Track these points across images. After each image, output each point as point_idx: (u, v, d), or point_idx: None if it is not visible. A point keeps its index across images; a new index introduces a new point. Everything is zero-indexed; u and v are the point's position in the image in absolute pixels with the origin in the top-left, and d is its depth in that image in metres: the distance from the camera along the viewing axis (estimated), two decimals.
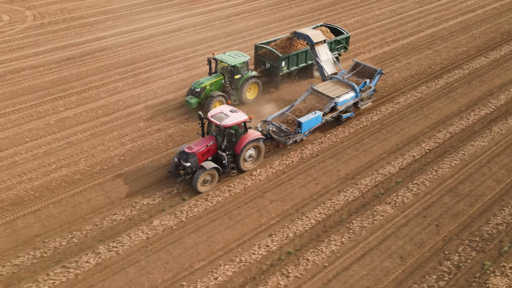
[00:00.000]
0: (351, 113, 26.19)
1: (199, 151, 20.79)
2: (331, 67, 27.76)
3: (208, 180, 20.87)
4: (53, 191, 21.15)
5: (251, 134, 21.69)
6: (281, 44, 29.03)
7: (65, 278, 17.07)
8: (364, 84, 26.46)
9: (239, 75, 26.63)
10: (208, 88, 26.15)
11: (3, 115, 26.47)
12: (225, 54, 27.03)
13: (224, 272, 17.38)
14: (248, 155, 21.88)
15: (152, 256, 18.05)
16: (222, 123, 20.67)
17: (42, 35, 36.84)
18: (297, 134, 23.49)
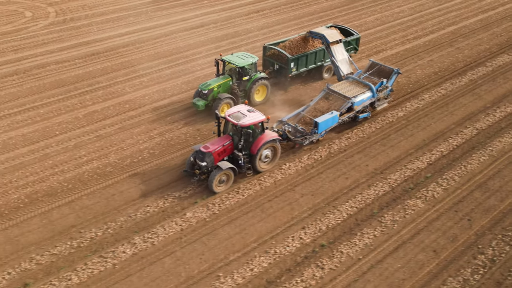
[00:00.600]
0: (368, 113, 25.83)
1: (215, 150, 20.54)
2: (347, 67, 27.35)
3: (224, 180, 20.59)
4: (85, 183, 21.39)
5: (268, 134, 21.42)
6: (290, 45, 28.61)
7: (103, 267, 17.28)
8: (381, 84, 26.11)
9: (247, 77, 26.09)
10: (215, 90, 25.61)
11: (32, 109, 26.77)
12: (232, 55, 26.50)
13: (260, 264, 17.52)
14: (264, 156, 21.56)
15: (187, 247, 18.22)
16: (240, 122, 20.39)
17: (65, 31, 37.17)
18: (314, 135, 23.24)
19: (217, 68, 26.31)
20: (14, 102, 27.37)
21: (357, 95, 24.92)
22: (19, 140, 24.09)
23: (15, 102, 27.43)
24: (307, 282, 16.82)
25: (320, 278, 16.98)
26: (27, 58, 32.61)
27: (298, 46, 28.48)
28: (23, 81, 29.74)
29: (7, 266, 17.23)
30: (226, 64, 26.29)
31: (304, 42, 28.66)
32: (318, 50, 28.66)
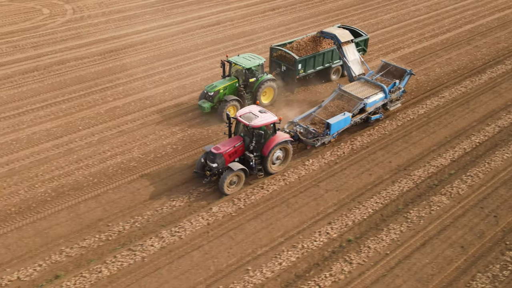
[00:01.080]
0: (380, 114, 25.45)
1: (226, 151, 20.20)
2: (359, 68, 26.89)
3: (235, 181, 20.27)
4: (110, 177, 21.52)
5: (279, 135, 21.07)
6: (297, 46, 28.05)
7: (132, 260, 17.39)
8: (394, 85, 25.71)
9: (254, 78, 25.56)
10: (221, 92, 25.12)
11: (54, 104, 26.95)
12: (239, 56, 25.93)
13: (288, 258, 17.59)
14: (275, 157, 21.25)
15: (214, 241, 18.31)
16: (251, 123, 20.03)
17: (83, 28, 37.36)
18: (326, 136, 22.91)
19: (223, 70, 25.88)
20: (36, 98, 27.55)
21: (369, 96, 24.54)
22: (43, 135, 24.25)
23: (37, 97, 27.60)
24: (335, 276, 16.86)
25: (349, 273, 17.01)
26: (46, 54, 32.80)
27: (305, 47, 27.99)
28: (44, 77, 29.92)
29: (38, 258, 17.38)
30: (233, 66, 25.77)
31: (311, 43, 28.15)
32: (326, 52, 28.11)
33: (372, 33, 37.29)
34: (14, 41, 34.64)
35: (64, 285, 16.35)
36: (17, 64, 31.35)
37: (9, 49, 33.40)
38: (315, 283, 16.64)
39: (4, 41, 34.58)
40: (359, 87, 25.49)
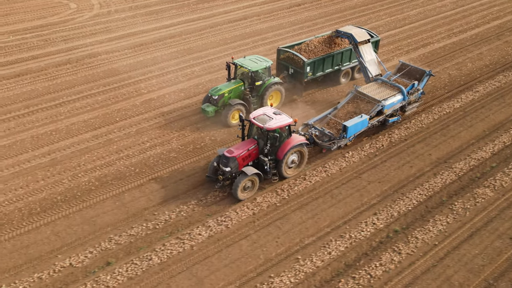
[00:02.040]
0: (398, 117, 24.43)
1: (239, 155, 19.37)
2: (376, 68, 25.94)
3: (249, 186, 19.44)
4: (152, 167, 21.61)
5: (295, 138, 20.21)
6: (305, 48, 26.92)
7: (181, 249, 17.45)
8: (412, 87, 24.74)
9: (260, 82, 24.47)
10: (226, 96, 24.03)
11: (90, 96, 27.10)
12: (245, 58, 24.76)
13: (337, 248, 17.58)
14: (290, 161, 20.41)
15: (261, 230, 18.34)
16: (266, 126, 19.14)
17: (111, 22, 37.53)
18: (342, 139, 21.94)
19: (228, 72, 24.82)
20: (71, 90, 27.71)
21: (387, 98, 23.60)
22: (81, 126, 24.39)
23: (72, 89, 27.77)
24: (385, 266, 16.83)
25: (399, 263, 16.98)
26: (77, 48, 32.97)
27: (314, 49, 26.84)
28: (77, 69, 30.09)
29: (88, 246, 17.48)
30: (238, 68, 24.68)
31: (320, 45, 27.03)
32: (335, 54, 26.94)
33: (400, 28, 37.24)
34: (44, 34, 34.85)
35: (116, 272, 16.43)
36: (49, 57, 31.54)
37: (40, 42, 33.60)
38: (365, 272, 16.62)
39: (35, 34, 34.80)
40: (376, 88, 24.57)
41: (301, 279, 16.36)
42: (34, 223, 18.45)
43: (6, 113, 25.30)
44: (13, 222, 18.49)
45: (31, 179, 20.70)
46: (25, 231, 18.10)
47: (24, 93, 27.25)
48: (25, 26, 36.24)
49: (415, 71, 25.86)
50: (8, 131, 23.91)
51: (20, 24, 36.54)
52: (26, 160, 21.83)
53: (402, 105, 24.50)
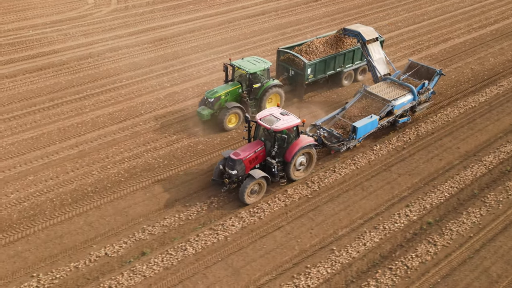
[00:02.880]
0: (408, 117, 23.64)
1: (246, 157, 18.61)
2: (384, 67, 25.12)
3: (256, 190, 18.68)
4: (180, 159, 21.58)
5: (303, 139, 19.43)
6: (306, 49, 25.91)
7: (215, 239, 17.40)
8: (422, 86, 23.88)
9: (258, 84, 23.49)
10: (223, 98, 22.96)
11: (113, 90, 27.10)
12: (243, 59, 23.70)
13: (371, 239, 17.50)
14: (299, 163, 19.67)
15: (294, 222, 18.28)
16: (273, 127, 18.37)
17: (129, 17, 37.53)
18: (352, 140, 21.27)
19: (225, 74, 23.68)
20: (94, 83, 27.71)
21: (397, 98, 22.81)
22: (107, 119, 24.38)
23: (95, 83, 27.77)
24: (422, 257, 16.74)
25: (435, 254, 16.88)
26: (98, 42, 32.98)
27: (315, 50, 25.83)
28: (99, 63, 30.09)
29: (122, 236, 17.46)
30: (236, 70, 23.66)
31: (322, 46, 26.03)
32: (337, 55, 25.97)
33: (419, 24, 37.12)
34: (64, 29, 34.88)
35: (152, 262, 16.40)
36: (70, 51, 31.56)
37: (60, 37, 33.63)
38: (402, 263, 16.53)
39: (54, 29, 34.85)
40: (386, 88, 23.73)
41: (337, 270, 16.29)
42: (66, 214, 18.43)
43: (31, 106, 25.33)
44: (46, 212, 18.48)
45: (60, 171, 20.69)
46: (58, 221, 18.09)
47: (48, 87, 27.26)
48: (44, 20, 36.28)
49: (425, 70, 24.91)
50: (34, 123, 23.93)
51: (39, 19, 36.58)
52: (54, 151, 21.83)
53: (412, 105, 23.71)
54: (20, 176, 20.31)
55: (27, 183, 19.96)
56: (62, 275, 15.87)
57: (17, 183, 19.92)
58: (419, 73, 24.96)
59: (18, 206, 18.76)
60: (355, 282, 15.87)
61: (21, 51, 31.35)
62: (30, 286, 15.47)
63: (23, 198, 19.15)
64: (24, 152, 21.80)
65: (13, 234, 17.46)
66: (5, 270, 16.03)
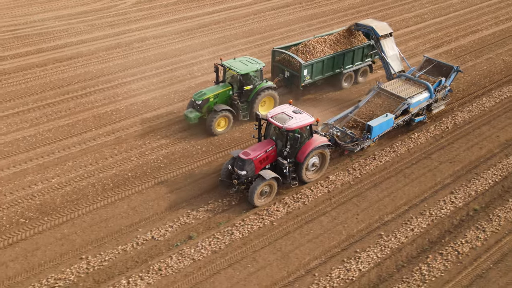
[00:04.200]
0: (424, 116, 22.75)
1: (256, 157, 17.65)
2: (398, 64, 24.27)
3: (266, 191, 17.74)
4: (218, 146, 21.59)
5: (316, 139, 18.46)
6: (303, 49, 24.47)
7: (261, 224, 17.28)
8: (439, 83, 22.94)
9: (250, 86, 22.16)
10: (211, 101, 21.72)
11: (145, 78, 27.04)
12: (235, 59, 22.50)
13: (419, 224, 17.32)
14: (311, 164, 18.75)
15: (339, 207, 18.13)
16: (285, 125, 17.43)
17: (154, 9, 37.47)
18: (366, 140, 20.36)
19: (216, 75, 22.42)
20: (124, 72, 27.66)
21: (413, 96, 21.90)
22: (141, 107, 24.31)
23: (125, 72, 27.71)
24: (472, 243, 16.54)
25: (485, 240, 16.67)
26: (124, 33, 32.93)
27: (312, 50, 24.38)
28: (127, 53, 30.03)
29: (167, 220, 17.37)
30: (227, 70, 22.42)
31: (320, 46, 24.65)
32: (336, 55, 24.48)
33: (445, 16, 36.86)
34: (90, 20, 34.86)
35: (199, 245, 16.29)
36: (98, 41, 31.52)
37: (86, 27, 33.61)
38: (452, 249, 16.33)
39: (80, 20, 34.83)
40: (400, 86, 22.78)
41: (387, 254, 16.12)
42: (109, 198, 18.36)
43: (64, 94, 25.31)
44: (88, 197, 18.41)
45: (99, 156, 20.63)
46: (102, 205, 18.02)
47: (79, 75, 27.23)
48: (69, 12, 36.29)
49: (441, 67, 23.95)
50: (68, 110, 23.90)
51: (64, 10, 36.59)
52: (91, 138, 21.78)
53: (428, 104, 22.75)
54: (59, 162, 20.25)
55: (67, 168, 19.89)
56: (111, 258, 15.78)
57: (57, 168, 19.86)
58: (435, 70, 23.94)
59: (60, 190, 18.69)
60: (406, 267, 15.68)
61: (49, 41, 31.34)
62: (80, 267, 15.38)
63: (65, 182, 19.08)
64: (61, 138, 21.75)
65: (58, 218, 17.39)
66: (53, 252, 15.96)
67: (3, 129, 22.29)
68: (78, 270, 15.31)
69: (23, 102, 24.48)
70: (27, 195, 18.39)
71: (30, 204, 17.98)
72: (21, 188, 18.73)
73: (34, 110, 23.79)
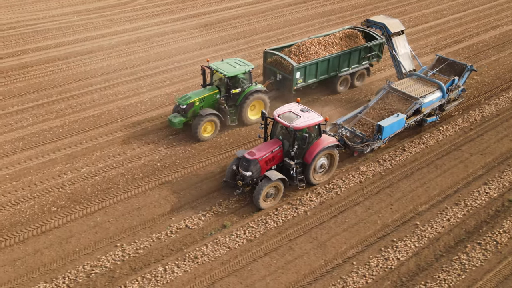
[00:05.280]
0: (436, 116, 21.86)
1: (262, 157, 16.89)
2: (410, 63, 23.48)
3: (272, 193, 16.99)
4: (245, 137, 21.42)
5: (325, 139, 17.68)
6: (296, 51, 23.24)
7: (295, 213, 17.13)
8: (452, 83, 22.05)
9: (238, 89, 21.03)
10: (197, 105, 20.55)
11: (167, 71, 26.97)
12: (223, 61, 21.30)
13: (454, 215, 17.11)
14: (319, 165, 17.99)
15: (372, 198, 17.96)
16: (292, 124, 16.67)
17: (171, 4, 37.38)
18: (377, 141, 19.55)
19: (203, 77, 21.38)
20: (146, 65, 27.55)
21: (425, 95, 21.06)
22: (165, 99, 24.24)
23: (147, 65, 27.61)
24: (510, 233, 16.35)
25: None
26: (143, 27, 32.84)
27: (306, 51, 23.22)
28: (148, 47, 29.94)
29: (199, 209, 17.26)
30: (214, 73, 21.17)
31: (314, 47, 23.54)
32: (331, 57, 23.17)
33: (464, 12, 36.68)
34: (108, 15, 34.79)
35: (234, 234, 16.16)
36: (117, 35, 31.45)
37: (105, 22, 33.55)
38: (490, 239, 16.13)
39: (99, 15, 34.77)
40: (412, 85, 21.94)
41: (425, 244, 15.94)
42: (140, 187, 18.24)
43: (87, 86, 25.22)
44: (119, 186, 18.30)
45: (126, 147, 20.52)
46: (133, 194, 17.90)
47: (101, 68, 27.14)
48: (87, 7, 36.23)
49: (454, 66, 23.18)
50: (93, 102, 23.80)
51: (82, 6, 36.54)
52: (117, 129, 21.67)
53: (441, 104, 21.80)
54: (87, 152, 20.14)
55: (95, 158, 19.78)
56: (146, 245, 15.65)
57: (85, 158, 19.76)
58: (447, 69, 23.21)
59: (90, 179, 18.58)
60: (445, 256, 15.50)
61: (69, 35, 31.28)
62: (116, 255, 15.25)
63: (94, 172, 18.97)
64: (88, 129, 21.65)
65: (89, 206, 17.26)
66: (87, 239, 15.84)
67: (29, 120, 22.20)
68: (113, 257, 15.17)
69: (47, 94, 24.39)
70: (57, 184, 18.27)
71: (60, 193, 17.85)
72: (51, 177, 18.61)
73: (58, 102, 23.70)
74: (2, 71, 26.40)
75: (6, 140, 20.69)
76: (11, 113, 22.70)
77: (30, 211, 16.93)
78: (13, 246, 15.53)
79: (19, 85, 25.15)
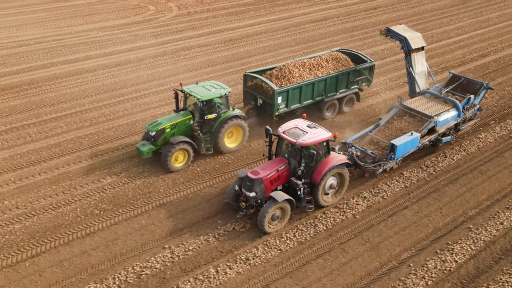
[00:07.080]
0: (452, 136, 20.80)
1: (267, 177, 15.65)
2: (424, 82, 22.29)
3: (278, 216, 15.68)
4: None
5: (334, 157, 16.48)
6: (277, 74, 21.69)
7: (344, 217, 16.80)
8: (468, 101, 21.14)
9: (214, 114, 19.46)
10: (168, 132, 18.83)
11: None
12: (197, 85, 19.71)
13: (507, 218, 16.72)
14: (328, 186, 16.74)
15: (420, 202, 17.62)
16: (299, 141, 15.56)
17: (194, 21, 37.72)
18: (389, 161, 18.33)
19: (176, 102, 20.04)
20: (175, 77, 27.57)
21: (440, 114, 20.07)
22: None
23: (176, 77, 27.62)
24: None
25: None
26: (169, 42, 33.02)
27: (288, 74, 21.63)
28: (175, 60, 30.02)
29: None
30: (188, 97, 19.60)
31: (298, 70, 22.00)
32: (316, 81, 21.56)
33: (486, 28, 36.96)
34: (133, 31, 35.06)
35: (284, 236, 15.80)
36: (144, 49, 31.58)
37: (130, 37, 33.77)
38: None
39: (124, 31, 35.05)
40: (425, 103, 20.97)
41: (481, 247, 15.51)
42: (181, 192, 17.99)
43: (119, 96, 25.17)
44: (160, 190, 18.02)
45: None
46: (175, 198, 17.61)
47: (130, 79, 27.14)
48: (111, 24, 36.57)
49: (469, 84, 22.12)
50: (126, 111, 23.70)
51: (106, 22, 36.89)
52: None
53: (456, 123, 20.77)
54: (125, 158, 19.92)
55: (133, 163, 19.53)
56: (195, 248, 15.25)
57: (123, 164, 19.52)
58: (462, 87, 22.13)
59: (130, 184, 18.29)
60: (504, 259, 15.04)
61: (96, 49, 31.43)
62: (165, 256, 14.83)
63: (133, 177, 18.70)
64: (123, 136, 21.50)
65: (132, 210, 16.93)
66: (134, 241, 15.45)
67: (64, 127, 22.05)
68: (163, 259, 14.76)
69: (79, 103, 24.30)
70: (97, 188, 17.97)
71: (102, 196, 17.53)
72: (91, 182, 18.32)
73: (91, 111, 23.58)
74: (33, 82, 26.40)
75: (42, 146, 20.48)
76: (45, 121, 22.56)
77: (73, 214, 16.59)
78: (58, 248, 15.13)
79: (50, 95, 25.09)
